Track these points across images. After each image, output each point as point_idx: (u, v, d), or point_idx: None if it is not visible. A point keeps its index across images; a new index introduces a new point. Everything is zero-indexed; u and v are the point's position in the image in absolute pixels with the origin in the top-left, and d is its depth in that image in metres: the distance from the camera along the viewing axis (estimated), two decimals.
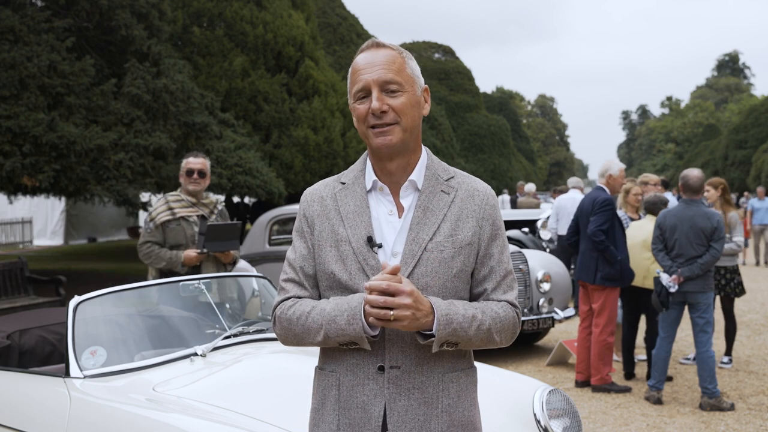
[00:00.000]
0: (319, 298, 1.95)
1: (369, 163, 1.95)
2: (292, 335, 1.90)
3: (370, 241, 1.86)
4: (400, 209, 1.90)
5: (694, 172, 5.92)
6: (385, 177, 1.92)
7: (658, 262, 5.91)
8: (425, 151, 1.97)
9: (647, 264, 6.44)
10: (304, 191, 2.03)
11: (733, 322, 7.13)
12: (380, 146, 1.86)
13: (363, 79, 1.86)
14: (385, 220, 1.89)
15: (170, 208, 5.13)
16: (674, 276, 5.65)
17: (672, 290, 5.66)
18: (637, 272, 6.40)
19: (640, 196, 7.09)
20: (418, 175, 1.91)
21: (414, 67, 1.92)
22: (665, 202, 6.73)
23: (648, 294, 6.37)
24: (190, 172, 5.20)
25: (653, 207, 6.68)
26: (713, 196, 7.04)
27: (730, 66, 79.25)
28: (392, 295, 1.72)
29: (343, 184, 1.95)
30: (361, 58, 1.90)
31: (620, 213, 6.81)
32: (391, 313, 1.72)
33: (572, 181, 10.53)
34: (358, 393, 1.84)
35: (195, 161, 5.23)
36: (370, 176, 1.93)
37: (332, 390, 1.88)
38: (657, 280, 5.76)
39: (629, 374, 6.69)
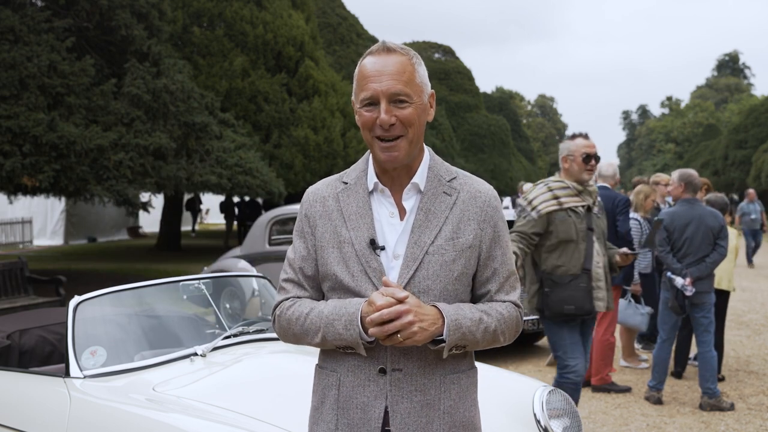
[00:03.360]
0: (320, 297, 1.95)
1: (371, 164, 1.94)
2: (291, 335, 1.92)
3: (373, 244, 1.85)
4: (402, 211, 1.90)
5: (694, 172, 5.96)
6: (386, 179, 1.91)
7: (667, 265, 5.84)
8: (428, 152, 1.96)
9: (731, 267, 6.59)
10: (306, 191, 2.02)
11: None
12: (386, 161, 1.85)
13: (372, 87, 1.82)
14: (386, 222, 1.89)
15: (556, 197, 4.35)
16: (687, 279, 5.61)
17: (689, 293, 5.61)
18: (724, 275, 6.47)
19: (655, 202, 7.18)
20: (420, 177, 1.91)
21: (423, 74, 1.89)
22: (726, 203, 6.69)
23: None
24: (587, 158, 4.39)
25: (717, 207, 6.59)
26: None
27: (730, 66, 79.21)
28: (393, 319, 1.73)
29: (345, 183, 1.95)
30: (371, 63, 1.85)
31: (635, 215, 6.86)
32: (399, 336, 1.73)
33: None
34: (359, 394, 1.85)
35: (590, 144, 4.46)
36: (372, 177, 1.92)
37: (332, 390, 1.89)
38: (671, 284, 5.72)
39: (678, 373, 6.68)
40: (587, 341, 4.54)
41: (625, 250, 4.71)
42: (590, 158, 4.39)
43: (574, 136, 4.51)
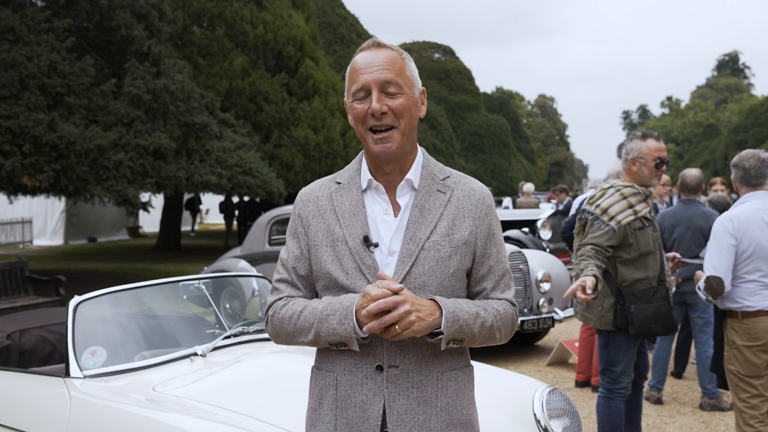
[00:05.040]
0: (314, 297, 1.96)
1: (364, 162, 1.95)
2: (284, 334, 1.91)
3: (367, 241, 1.86)
4: (396, 208, 1.91)
5: (692, 172, 5.93)
6: (380, 176, 1.92)
7: None
8: (421, 151, 1.97)
9: None
10: (299, 192, 2.03)
11: None
12: (379, 153, 1.86)
13: (362, 79, 1.85)
14: (380, 219, 1.89)
15: (631, 206, 3.96)
16: (673, 277, 5.64)
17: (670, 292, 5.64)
18: None
19: (655, 200, 7.16)
20: (414, 174, 1.92)
21: (413, 69, 1.91)
22: (728, 203, 6.69)
23: None
24: (659, 163, 4.02)
25: (719, 208, 6.61)
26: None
27: (730, 66, 79.22)
28: (390, 310, 1.73)
29: (339, 183, 1.96)
30: (361, 58, 1.88)
31: None
32: (396, 327, 1.74)
33: (593, 182, 10.63)
34: (357, 392, 1.85)
35: (663, 147, 4.05)
36: (366, 175, 1.93)
37: (330, 390, 1.89)
38: None
39: (678, 373, 6.66)
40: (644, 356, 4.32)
41: (675, 255, 4.61)
42: (662, 163, 4.02)
43: (645, 137, 4.08)
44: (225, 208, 22.18)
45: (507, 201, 22.32)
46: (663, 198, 8.11)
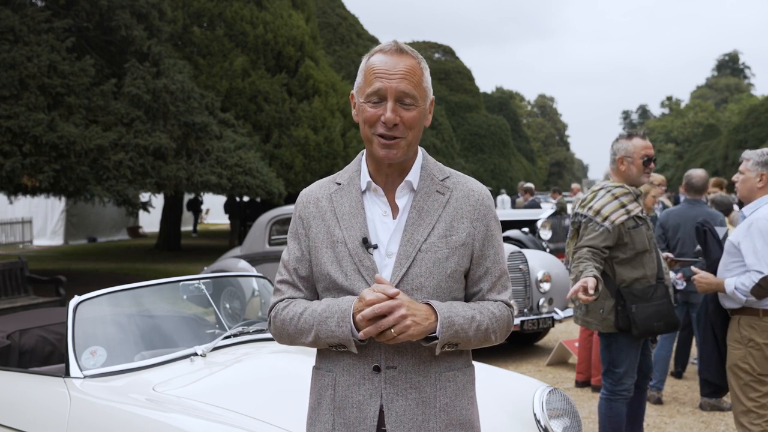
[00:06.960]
0: (315, 298, 1.96)
1: (364, 164, 1.96)
2: (286, 335, 1.93)
3: (365, 243, 1.86)
4: (395, 210, 1.91)
5: (697, 172, 5.95)
6: (380, 178, 1.93)
7: None
8: (421, 152, 1.97)
9: None
10: (300, 193, 2.04)
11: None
12: (383, 158, 1.86)
13: (381, 84, 1.83)
14: (379, 221, 1.90)
15: (623, 205, 4.00)
16: (679, 273, 5.66)
17: (679, 287, 5.67)
18: None
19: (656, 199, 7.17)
20: (413, 175, 1.92)
21: (428, 79, 1.91)
22: (731, 203, 6.69)
23: None
24: (647, 161, 4.09)
25: (722, 208, 6.61)
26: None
27: (730, 66, 79.18)
28: (386, 314, 1.74)
29: (339, 184, 1.96)
30: (381, 60, 1.86)
31: None
32: (392, 331, 1.74)
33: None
34: (354, 393, 1.86)
35: (649, 145, 4.12)
36: (365, 177, 1.93)
37: (328, 389, 1.90)
38: None
39: (678, 373, 6.66)
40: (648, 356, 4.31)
41: (667, 255, 4.58)
42: (650, 161, 4.08)
43: (630, 136, 4.14)
44: (230, 208, 22.17)
45: (506, 201, 22.22)
46: (658, 198, 8.10)
